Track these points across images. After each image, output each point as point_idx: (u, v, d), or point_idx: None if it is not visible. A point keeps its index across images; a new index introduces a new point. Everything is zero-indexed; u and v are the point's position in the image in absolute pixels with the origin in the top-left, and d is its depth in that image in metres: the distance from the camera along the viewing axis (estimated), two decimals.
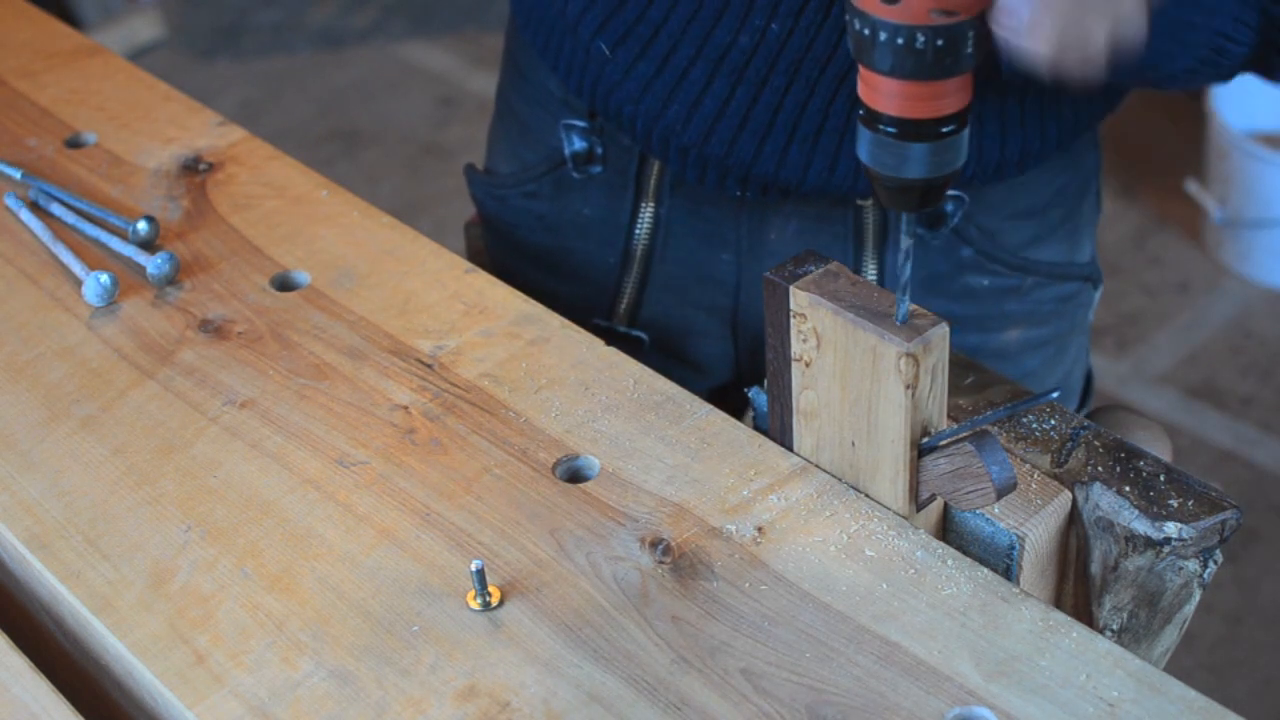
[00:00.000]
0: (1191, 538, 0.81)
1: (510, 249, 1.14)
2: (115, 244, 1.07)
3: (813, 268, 0.83)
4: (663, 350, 1.06)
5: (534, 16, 1.10)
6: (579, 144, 1.12)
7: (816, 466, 0.87)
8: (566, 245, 1.14)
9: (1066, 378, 1.19)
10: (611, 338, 1.11)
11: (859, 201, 1.05)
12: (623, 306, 1.15)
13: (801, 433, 0.87)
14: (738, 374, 1.18)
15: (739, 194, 1.05)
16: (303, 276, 1.05)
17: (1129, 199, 2.81)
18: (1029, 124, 1.02)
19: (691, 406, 0.92)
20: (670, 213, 1.11)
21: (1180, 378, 2.47)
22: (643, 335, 1.14)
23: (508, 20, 1.20)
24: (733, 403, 1.07)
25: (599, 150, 1.11)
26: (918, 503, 0.84)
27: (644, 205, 1.11)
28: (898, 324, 0.79)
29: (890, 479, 0.83)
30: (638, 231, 1.11)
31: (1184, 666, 1.96)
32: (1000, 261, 1.09)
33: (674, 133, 1.01)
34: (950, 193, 1.05)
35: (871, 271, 1.08)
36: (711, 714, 0.74)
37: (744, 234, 1.10)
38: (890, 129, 0.75)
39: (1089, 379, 1.25)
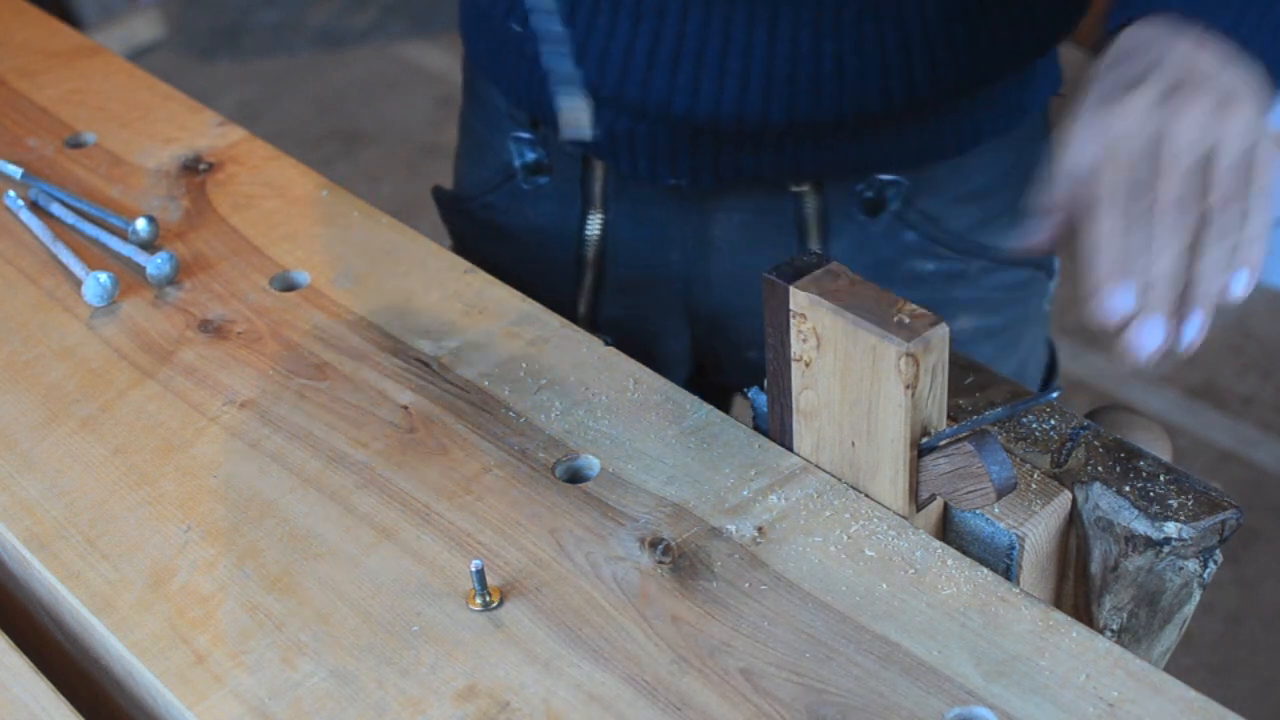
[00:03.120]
0: (1191, 538, 0.81)
1: (476, 262, 1.17)
2: (115, 244, 1.08)
3: (813, 268, 0.83)
4: (626, 350, 1.08)
5: (472, 31, 1.16)
6: (528, 155, 1.16)
7: (816, 466, 0.87)
8: (525, 255, 1.18)
9: (1021, 368, 1.20)
10: None
11: (793, 188, 1.07)
12: (582, 311, 1.18)
13: (801, 433, 0.87)
14: (698, 366, 1.22)
15: (672, 181, 1.07)
16: (303, 276, 1.05)
17: None
18: (961, 104, 1.03)
19: (691, 406, 0.92)
20: (617, 218, 1.14)
21: (1180, 378, 2.47)
22: (606, 338, 1.16)
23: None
24: (697, 394, 1.10)
25: (545, 160, 1.15)
26: (918, 503, 0.84)
27: (591, 212, 1.14)
28: None
29: (890, 479, 0.83)
30: (588, 237, 1.14)
31: (1184, 666, 1.96)
32: (945, 245, 1.10)
33: (600, 118, 1.02)
34: (886, 177, 1.06)
35: None
36: (711, 714, 0.74)
37: (689, 232, 1.12)
38: None
39: (1052, 370, 1.26)
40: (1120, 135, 0.76)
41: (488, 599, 0.80)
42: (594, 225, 1.14)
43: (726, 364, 1.20)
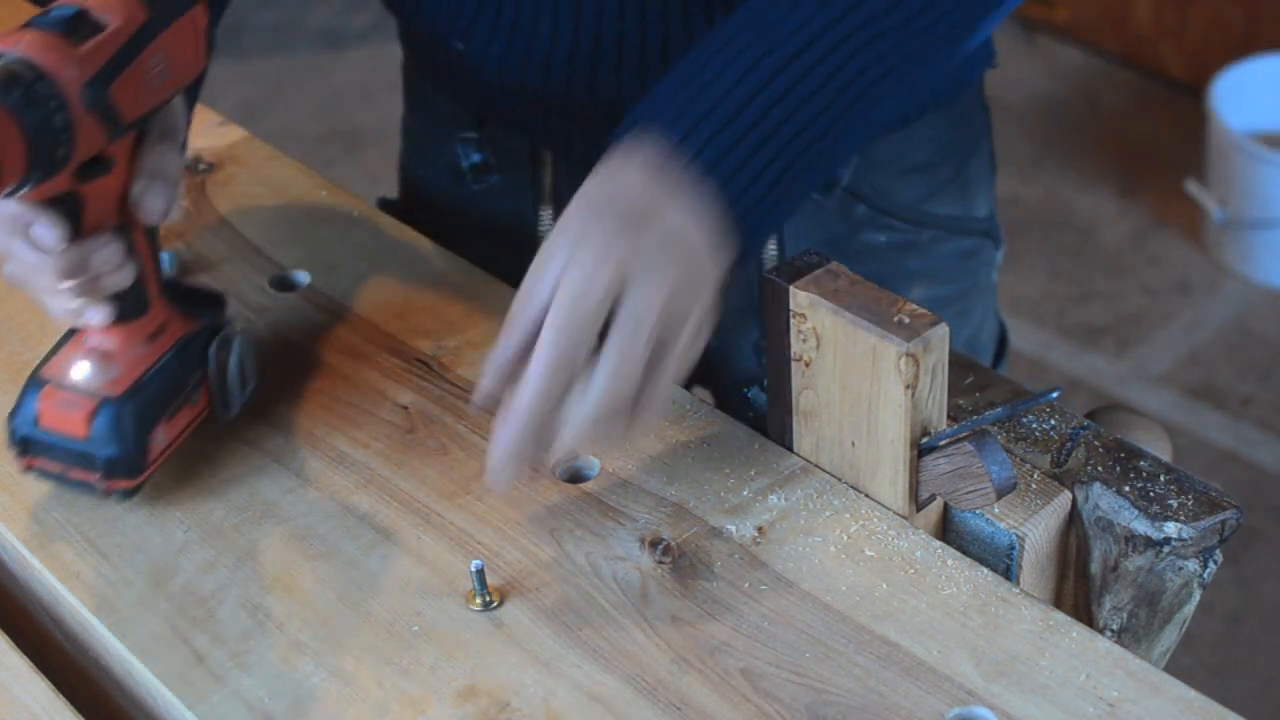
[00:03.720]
0: (1191, 538, 0.81)
1: None
2: None
3: (813, 268, 0.83)
4: None
5: (412, 42, 1.16)
6: (475, 156, 1.15)
7: (816, 466, 0.87)
8: (480, 257, 1.17)
9: (974, 339, 1.22)
10: None
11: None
12: None
13: (801, 433, 0.87)
14: None
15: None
16: (303, 276, 1.05)
17: (1129, 199, 2.81)
18: None
19: (691, 407, 0.92)
20: None
21: (1180, 378, 2.47)
22: None
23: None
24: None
25: (492, 160, 1.14)
26: (918, 503, 0.84)
27: (543, 208, 1.13)
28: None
29: (890, 479, 0.83)
30: (541, 235, 1.13)
31: (1184, 666, 1.96)
32: (896, 216, 1.11)
33: (546, 106, 1.01)
34: None
35: (769, 243, 1.09)
36: (711, 714, 0.74)
37: None
38: None
39: (1003, 341, 1.27)
40: (569, 279, 0.76)
41: (488, 599, 0.80)
42: (546, 220, 1.13)
43: None
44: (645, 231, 0.76)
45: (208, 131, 1.20)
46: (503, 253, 1.17)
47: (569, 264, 0.76)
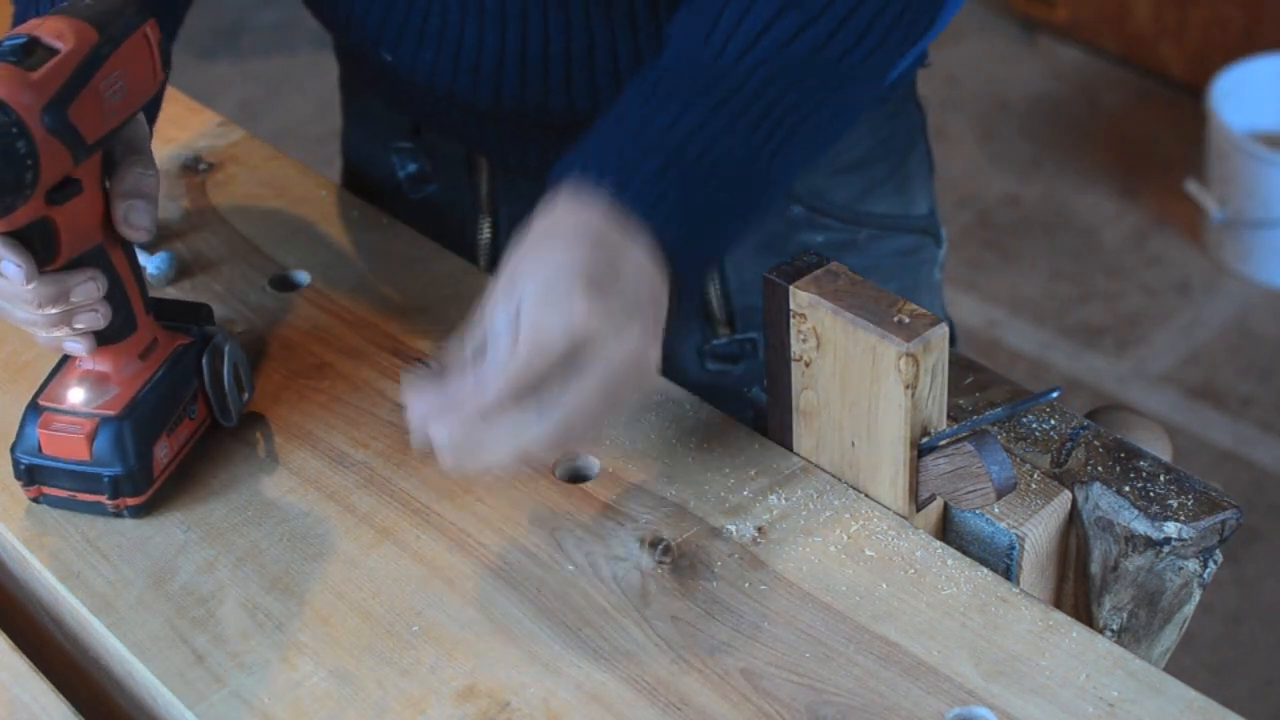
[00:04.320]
0: (1191, 538, 0.81)
1: None
2: None
3: (813, 268, 0.83)
4: None
5: (344, 53, 1.16)
6: (410, 166, 1.15)
7: (816, 466, 0.87)
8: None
9: None
10: None
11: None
12: None
13: (801, 433, 0.87)
14: None
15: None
16: (303, 276, 1.05)
17: (1129, 199, 2.81)
18: None
19: (691, 407, 0.92)
20: (506, 222, 1.12)
21: (1180, 378, 2.47)
22: None
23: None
24: None
25: (429, 169, 1.14)
26: (918, 503, 0.84)
27: (482, 217, 1.12)
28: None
29: (890, 479, 0.83)
30: (481, 242, 1.13)
31: (1184, 666, 1.96)
32: (831, 216, 1.11)
33: (480, 110, 1.01)
34: None
35: None
36: (711, 714, 0.74)
37: None
38: None
39: (950, 342, 1.27)
40: (534, 328, 0.75)
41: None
42: (485, 229, 1.12)
43: None
44: (612, 294, 0.75)
45: (208, 131, 1.20)
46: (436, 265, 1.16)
47: (536, 318, 0.75)
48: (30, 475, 0.86)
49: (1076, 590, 0.87)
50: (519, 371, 0.74)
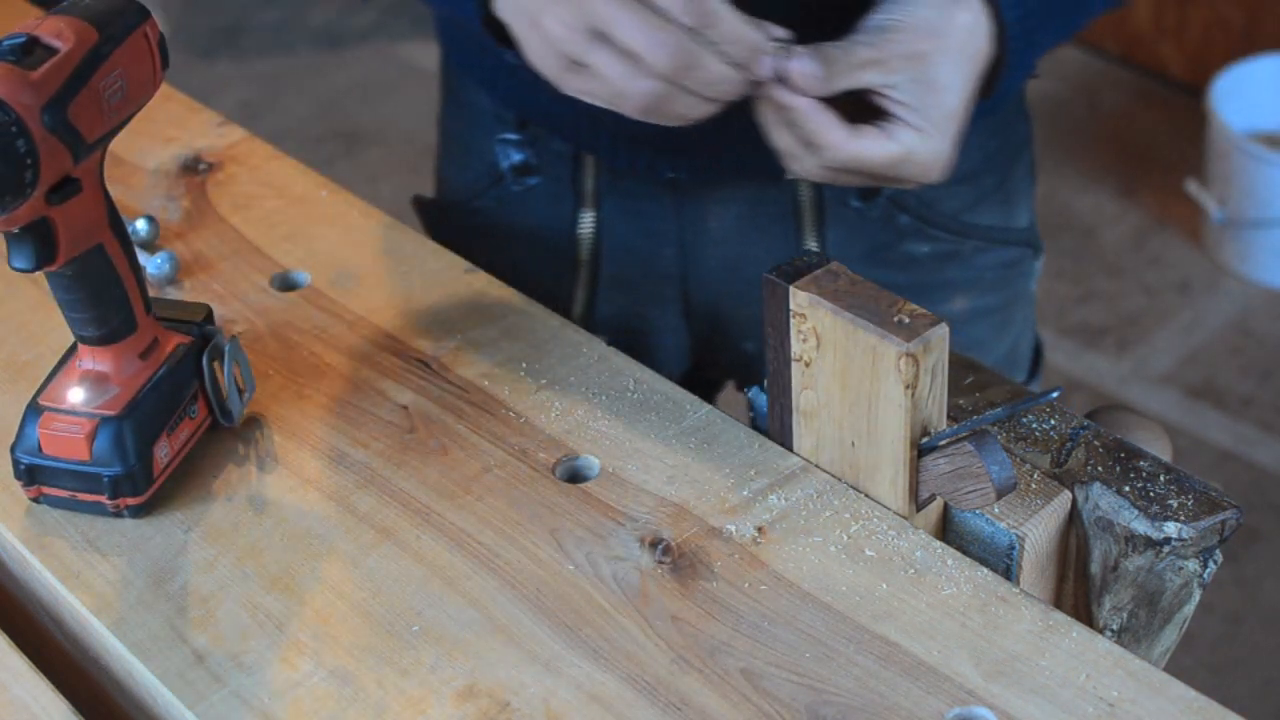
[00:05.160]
0: (1191, 538, 0.81)
1: None
2: None
3: (813, 268, 0.83)
4: (622, 347, 1.08)
5: (452, 36, 1.15)
6: (515, 157, 1.15)
7: (816, 466, 0.87)
8: (516, 258, 1.17)
9: (1013, 349, 1.22)
10: None
11: (789, 176, 1.07)
12: (577, 311, 1.18)
13: (801, 433, 0.87)
14: (695, 362, 1.22)
15: (670, 174, 1.07)
16: (303, 276, 1.05)
17: (1129, 199, 2.81)
18: None
19: (691, 406, 0.92)
20: (609, 215, 1.13)
21: (1180, 378, 2.47)
22: (605, 337, 1.16)
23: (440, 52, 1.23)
24: (692, 388, 1.09)
25: (534, 161, 1.14)
26: (918, 503, 0.84)
27: (583, 211, 1.13)
28: None
29: (890, 479, 0.83)
30: (580, 236, 1.14)
31: (1184, 666, 1.96)
32: (939, 226, 1.11)
33: (593, 112, 1.01)
34: None
35: (813, 248, 1.10)
36: (711, 714, 0.74)
37: (685, 225, 1.12)
38: None
39: (1038, 351, 1.27)
40: None
41: None
42: (587, 223, 1.13)
43: (723, 356, 1.20)
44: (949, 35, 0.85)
45: (208, 131, 1.20)
46: (537, 254, 1.17)
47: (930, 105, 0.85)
48: (30, 475, 0.86)
49: (1076, 590, 0.87)
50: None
